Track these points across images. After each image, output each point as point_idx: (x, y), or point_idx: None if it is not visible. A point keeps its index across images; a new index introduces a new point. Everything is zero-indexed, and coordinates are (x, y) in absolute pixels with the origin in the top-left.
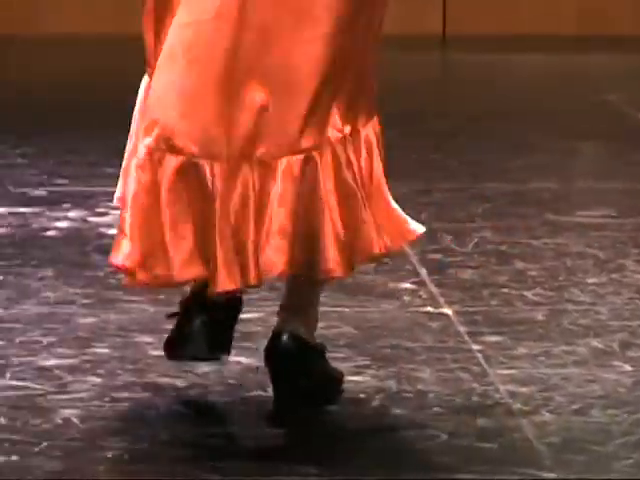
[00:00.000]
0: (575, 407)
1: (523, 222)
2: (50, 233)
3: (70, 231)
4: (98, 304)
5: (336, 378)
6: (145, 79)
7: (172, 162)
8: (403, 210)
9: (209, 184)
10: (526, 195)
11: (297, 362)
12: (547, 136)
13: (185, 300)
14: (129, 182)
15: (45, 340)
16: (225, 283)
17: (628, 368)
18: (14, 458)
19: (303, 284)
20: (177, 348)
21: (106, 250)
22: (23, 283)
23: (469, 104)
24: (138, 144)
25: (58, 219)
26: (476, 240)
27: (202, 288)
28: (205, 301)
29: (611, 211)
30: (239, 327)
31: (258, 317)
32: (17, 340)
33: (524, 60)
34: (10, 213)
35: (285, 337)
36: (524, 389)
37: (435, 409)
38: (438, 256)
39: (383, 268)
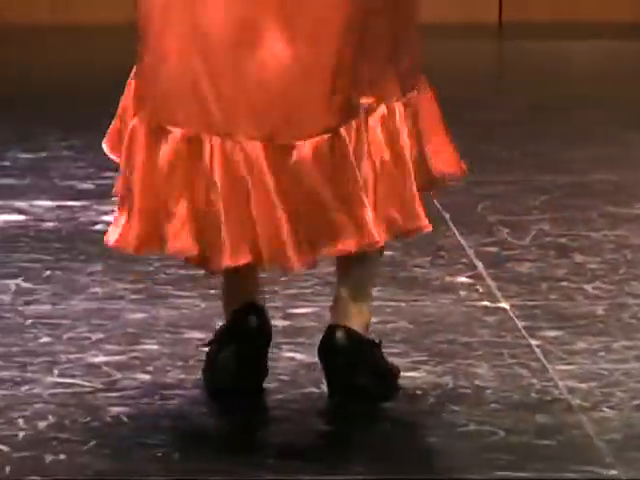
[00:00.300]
0: (636, 403)
1: (582, 214)
2: (98, 227)
3: None
4: (147, 299)
5: (393, 374)
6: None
7: (168, 136)
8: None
9: (207, 160)
10: (585, 187)
11: (352, 358)
12: (607, 126)
13: (219, 331)
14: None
15: (93, 336)
16: (233, 258)
17: None
18: (62, 457)
19: (355, 276)
20: (204, 379)
21: None
22: (71, 278)
23: (527, 93)
24: (129, 121)
25: (106, 213)
26: (534, 233)
27: (236, 319)
28: (237, 332)
29: None
30: (293, 322)
31: (312, 312)
32: (65, 337)
33: (581, 47)
34: (57, 207)
35: (339, 333)
36: (584, 385)
37: (493, 405)
38: (495, 249)
39: (439, 262)
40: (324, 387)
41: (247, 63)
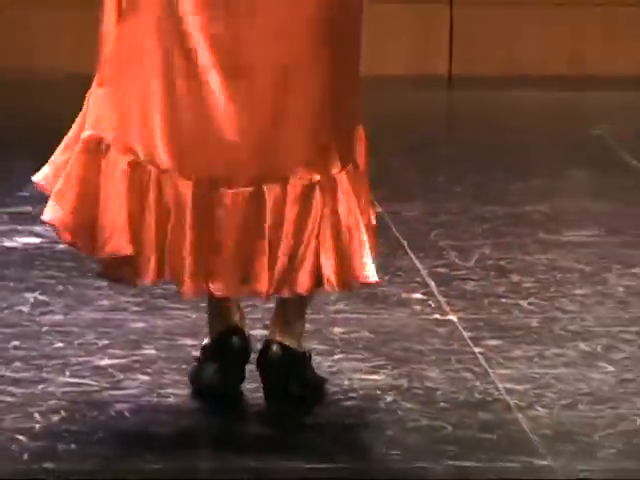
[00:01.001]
0: (565, 402)
1: (518, 240)
2: None
3: None
4: (147, 311)
5: (321, 382)
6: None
7: (118, 158)
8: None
9: (144, 185)
10: (521, 217)
11: (286, 369)
12: (541, 164)
13: (205, 348)
14: (67, 163)
15: (100, 342)
16: (191, 289)
17: (611, 369)
18: (73, 446)
19: (291, 302)
20: (192, 384)
21: None
22: (81, 292)
23: (473, 135)
24: (81, 133)
25: None
26: (477, 256)
27: (220, 340)
28: (221, 352)
29: (596, 231)
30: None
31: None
32: (75, 342)
33: (523, 97)
34: None
35: (275, 347)
36: (520, 387)
37: (442, 404)
38: (445, 270)
39: (396, 280)
40: None
41: (194, 113)
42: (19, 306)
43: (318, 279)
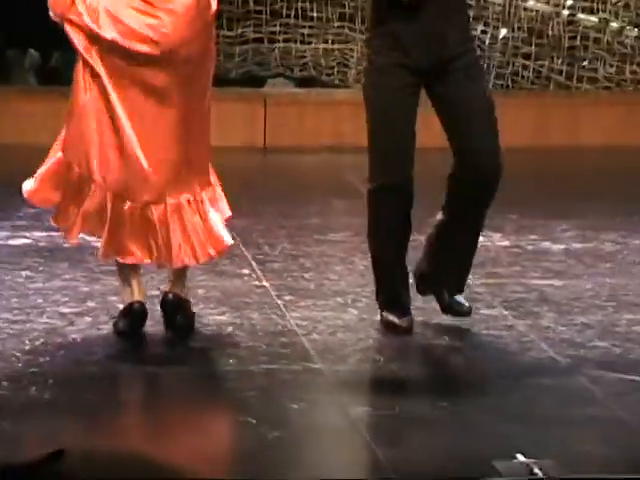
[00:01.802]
0: (330, 331)
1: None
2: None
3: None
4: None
5: (194, 317)
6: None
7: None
8: None
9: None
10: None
11: (176, 308)
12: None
13: (120, 311)
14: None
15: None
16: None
17: (355, 312)
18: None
19: (178, 270)
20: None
21: None
22: None
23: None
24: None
25: None
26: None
27: (128, 307)
28: (129, 313)
29: None
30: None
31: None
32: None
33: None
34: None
35: (170, 295)
36: (304, 322)
37: (259, 333)
38: (261, 256)
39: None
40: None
41: (118, 151)
42: None
43: (185, 258)
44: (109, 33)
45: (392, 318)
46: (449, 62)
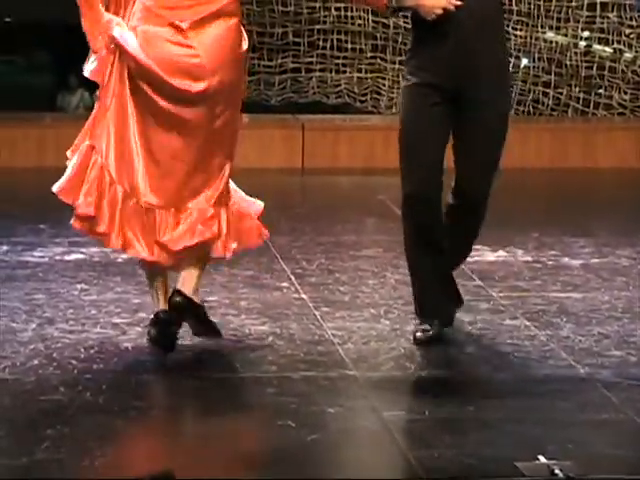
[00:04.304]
0: (363, 341)
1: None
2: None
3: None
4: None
5: (210, 323)
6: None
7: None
8: None
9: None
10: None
11: (184, 309)
12: None
13: (152, 319)
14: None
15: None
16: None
17: (387, 322)
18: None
19: (191, 267)
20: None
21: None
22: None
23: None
24: (82, 144)
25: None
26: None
27: (159, 316)
28: (159, 321)
29: None
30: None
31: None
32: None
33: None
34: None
35: (177, 296)
36: (339, 332)
37: (297, 342)
38: (300, 271)
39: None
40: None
41: (141, 157)
42: None
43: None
44: (144, 58)
45: (423, 326)
46: (474, 85)
